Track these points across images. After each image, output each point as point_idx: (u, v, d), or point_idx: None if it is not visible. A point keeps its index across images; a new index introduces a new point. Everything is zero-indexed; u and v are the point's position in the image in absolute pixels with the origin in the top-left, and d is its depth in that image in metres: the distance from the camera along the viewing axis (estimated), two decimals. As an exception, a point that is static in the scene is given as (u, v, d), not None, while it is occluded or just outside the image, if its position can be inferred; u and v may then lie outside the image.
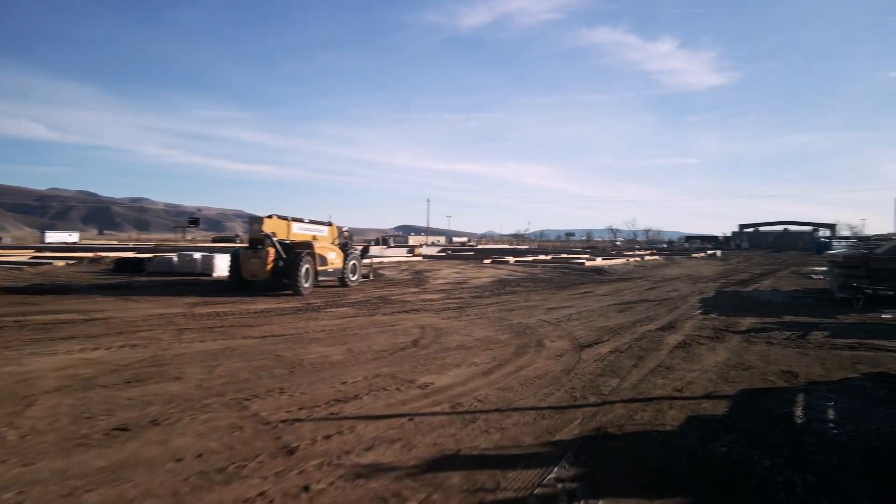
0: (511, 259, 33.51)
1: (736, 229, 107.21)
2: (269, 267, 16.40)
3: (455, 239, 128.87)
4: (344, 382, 6.31)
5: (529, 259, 34.58)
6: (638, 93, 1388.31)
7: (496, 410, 5.32)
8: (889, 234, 61.97)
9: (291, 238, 17.76)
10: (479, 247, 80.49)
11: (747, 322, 11.06)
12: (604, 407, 5.43)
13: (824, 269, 26.48)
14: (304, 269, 16.49)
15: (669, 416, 5.16)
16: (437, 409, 5.38)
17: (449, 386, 6.19)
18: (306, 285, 16.56)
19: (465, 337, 9.37)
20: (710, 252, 57.11)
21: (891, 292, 11.57)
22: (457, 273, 25.49)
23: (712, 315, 12.08)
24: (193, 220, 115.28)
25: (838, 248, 58.38)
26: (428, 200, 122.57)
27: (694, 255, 52.50)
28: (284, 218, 17.84)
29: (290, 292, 16.12)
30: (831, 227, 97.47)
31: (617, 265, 30.33)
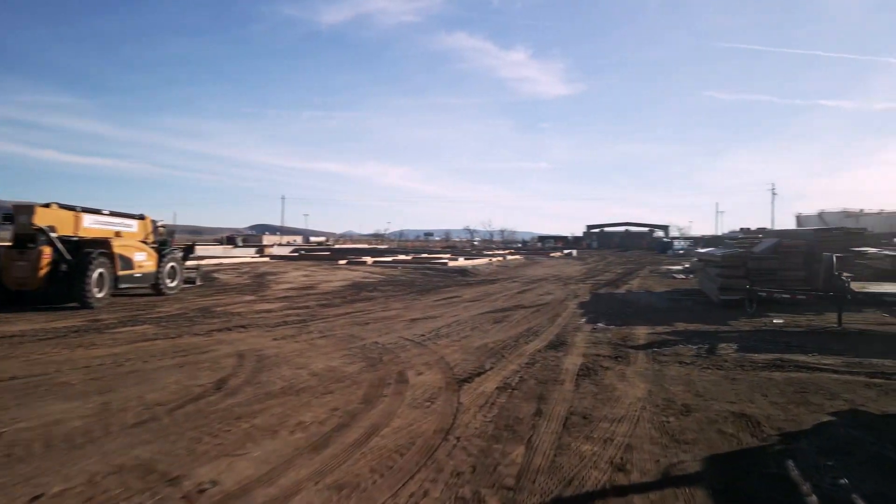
0: (369, 259, 31.00)
1: (584, 230, 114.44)
2: (43, 272, 12.24)
3: (312, 238, 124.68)
4: (35, 499, 3.39)
5: (389, 259, 32.32)
6: (494, 98, 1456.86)
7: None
8: (737, 230, 69.46)
9: (81, 234, 13.60)
10: (337, 246, 76.67)
11: (642, 333, 9.72)
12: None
13: (680, 267, 28.11)
14: (94, 274, 12.58)
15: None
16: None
17: (243, 490, 3.55)
18: (99, 295, 12.68)
19: (297, 370, 6.71)
20: (566, 252, 59.51)
21: (785, 295, 11.06)
22: (306, 276, 22.38)
23: (600, 325, 10.66)
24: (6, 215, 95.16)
25: (678, 246, 64.24)
26: (283, 198, 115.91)
27: (552, 255, 54.13)
28: (71, 208, 13.59)
29: (76, 304, 12.28)
30: (665, 228, 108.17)
31: (480, 265, 29.24)
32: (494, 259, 35.26)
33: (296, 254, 45.96)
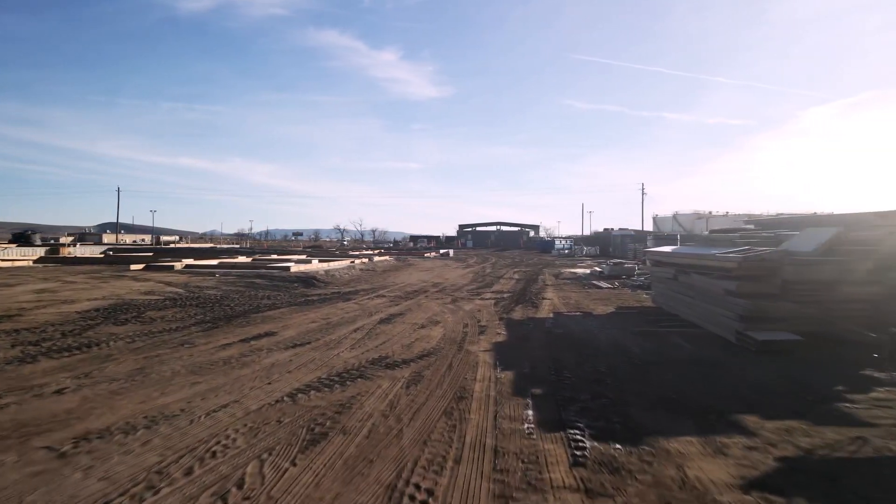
0: (180, 264, 22.33)
1: (457, 229, 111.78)
2: None
3: (164, 238, 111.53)
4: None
5: (214, 263, 23.92)
6: (366, 97, 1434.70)
7: None
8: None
9: None
10: (175, 246, 64.82)
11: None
12: None
13: (586, 271, 23.25)
14: None
15: None
16: None
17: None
18: None
19: None
20: (442, 252, 53.94)
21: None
22: (37, 292, 13.78)
23: (588, 451, 4.22)
24: None
25: (562, 246, 61.62)
26: (118, 190, 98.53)
27: (427, 255, 48.25)
28: None
29: None
30: (535, 227, 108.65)
31: (338, 269, 22.16)
32: (358, 261, 28.26)
33: (102, 255, 35.49)
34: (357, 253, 43.24)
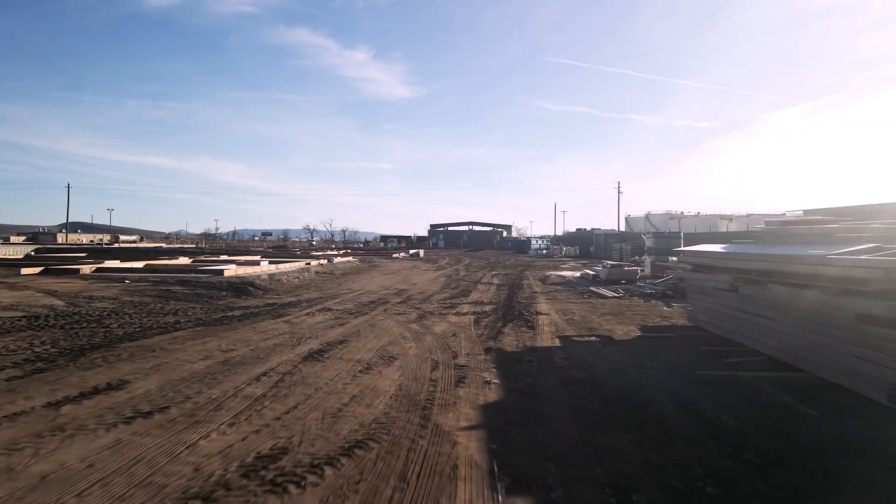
0: (88, 268, 18.39)
1: (428, 229, 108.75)
2: None
3: (123, 237, 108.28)
4: None
5: (139, 265, 20.04)
6: (337, 97, 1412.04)
7: None
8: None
9: None
10: (117, 246, 60.19)
11: None
12: None
13: (575, 274, 18.50)
14: None
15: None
16: None
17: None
18: None
19: None
20: (412, 252, 50.46)
21: None
22: None
23: None
24: None
25: (539, 246, 58.65)
26: (68, 186, 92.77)
27: (395, 255, 44.78)
28: None
29: None
30: (508, 227, 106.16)
31: (287, 273, 18.67)
32: (315, 263, 24.71)
33: (23, 256, 31.20)
34: (320, 254, 39.58)
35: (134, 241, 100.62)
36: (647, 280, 17.22)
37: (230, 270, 16.75)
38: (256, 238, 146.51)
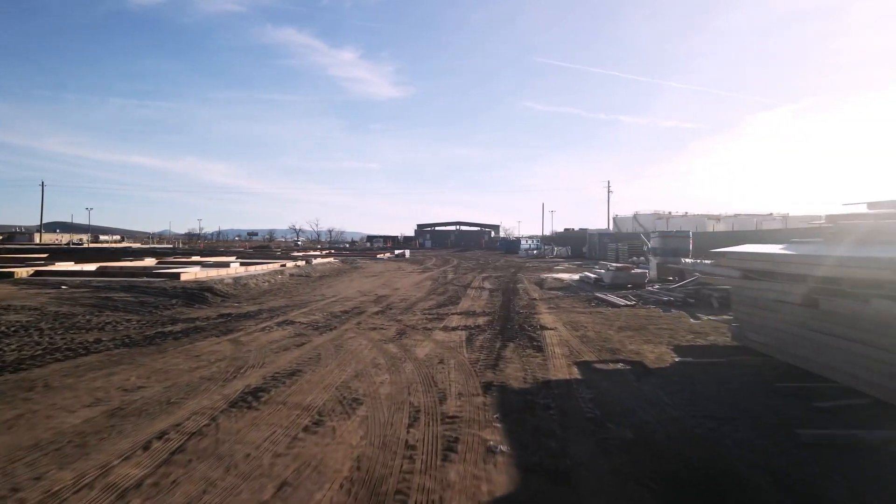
0: (25, 272, 16.23)
1: (415, 229, 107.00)
2: None
3: (103, 237, 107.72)
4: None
5: (92, 269, 17.90)
6: (325, 97, 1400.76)
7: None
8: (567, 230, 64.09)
9: None
10: (86, 246, 58.02)
11: None
12: None
13: (573, 276, 15.98)
14: None
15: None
16: None
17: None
18: None
19: None
20: (397, 252, 48.45)
21: None
22: None
23: None
24: None
25: (529, 246, 56.77)
26: (42, 183, 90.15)
27: (380, 256, 42.82)
28: None
29: None
30: (496, 227, 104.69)
31: (257, 276, 16.74)
32: (291, 264, 22.74)
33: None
34: (300, 254, 37.56)
35: (115, 241, 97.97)
36: (654, 284, 15.52)
37: (188, 274, 14.74)
38: (237, 238, 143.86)
